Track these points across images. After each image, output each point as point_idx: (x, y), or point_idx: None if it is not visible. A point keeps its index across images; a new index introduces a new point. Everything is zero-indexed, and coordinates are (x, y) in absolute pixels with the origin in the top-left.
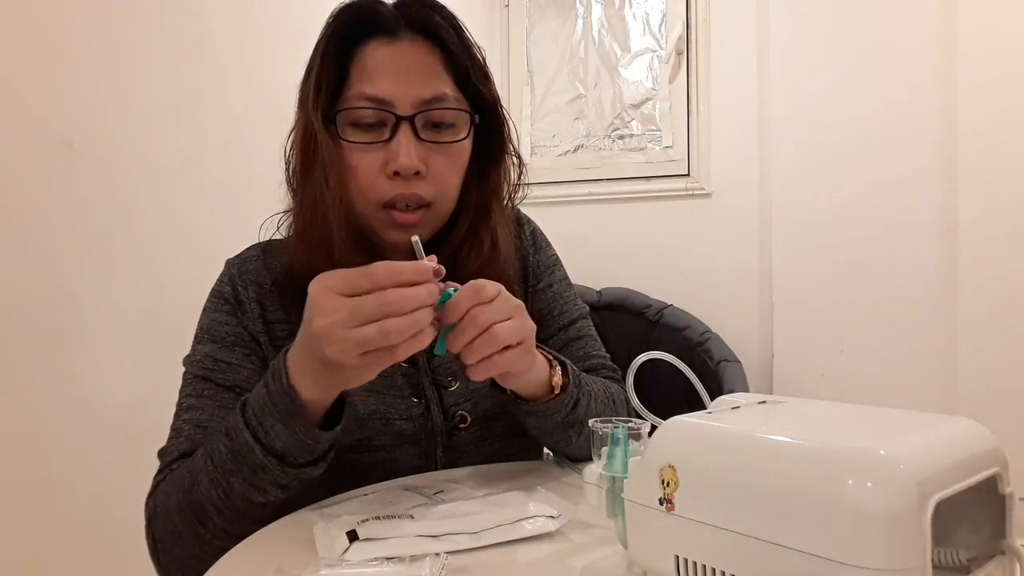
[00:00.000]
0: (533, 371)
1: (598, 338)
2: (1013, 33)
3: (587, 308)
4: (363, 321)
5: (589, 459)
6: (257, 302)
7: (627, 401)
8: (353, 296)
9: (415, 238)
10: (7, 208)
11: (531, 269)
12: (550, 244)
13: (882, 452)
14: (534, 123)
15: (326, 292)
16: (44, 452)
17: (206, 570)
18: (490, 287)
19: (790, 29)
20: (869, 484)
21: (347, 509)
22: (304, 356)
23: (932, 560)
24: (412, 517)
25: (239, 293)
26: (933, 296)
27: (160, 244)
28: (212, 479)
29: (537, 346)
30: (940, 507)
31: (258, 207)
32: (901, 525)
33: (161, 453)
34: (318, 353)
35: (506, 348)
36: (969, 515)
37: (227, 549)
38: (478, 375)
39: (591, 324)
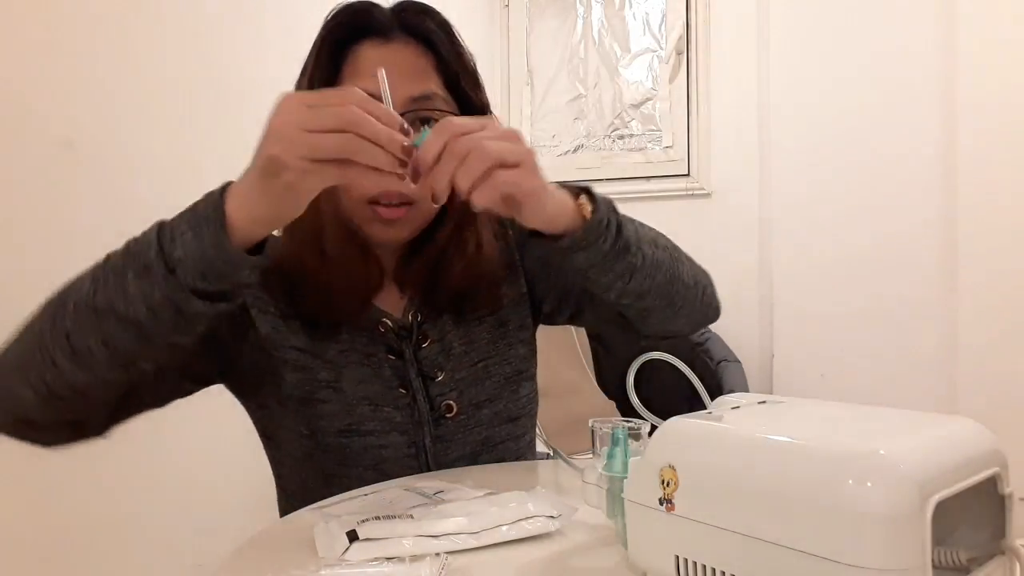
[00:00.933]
0: (550, 201)
1: None
2: (1013, 33)
3: None
4: (321, 127)
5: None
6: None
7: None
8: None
9: (381, 71)
10: (7, 208)
11: (514, 241)
12: None
13: (882, 452)
14: (534, 123)
15: (292, 99)
16: (44, 452)
17: (18, 393)
18: (471, 120)
19: (790, 29)
20: (869, 484)
21: (347, 509)
22: (246, 173)
23: (932, 560)
24: (412, 517)
25: None
26: (933, 296)
27: None
28: (92, 274)
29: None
30: (940, 507)
31: None
32: (901, 525)
33: None
34: (263, 154)
35: (503, 168)
36: (969, 515)
37: (56, 368)
38: (481, 198)
39: None
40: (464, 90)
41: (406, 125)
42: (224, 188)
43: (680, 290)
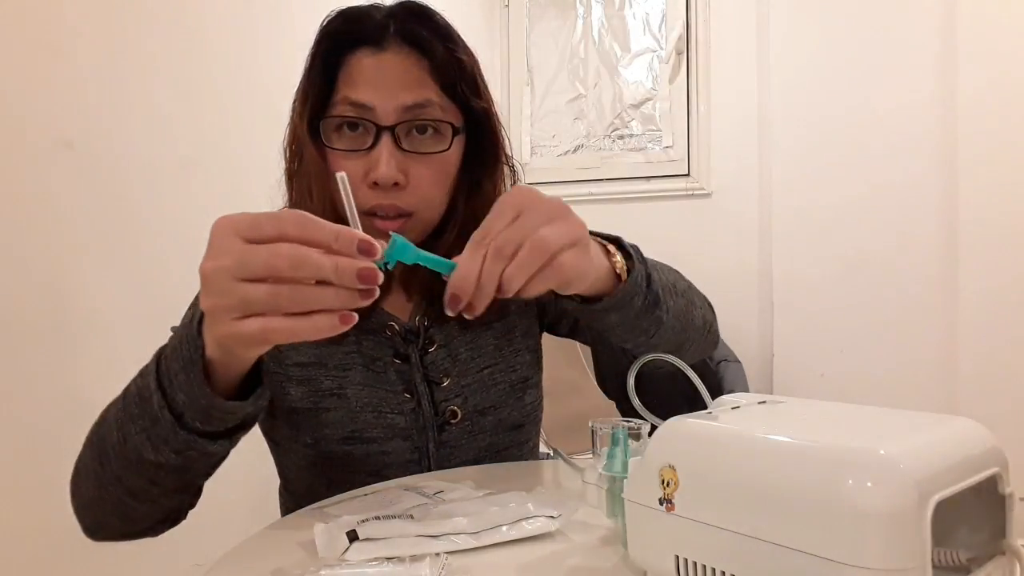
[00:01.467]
0: (593, 267)
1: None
2: (1013, 33)
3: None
4: (250, 275)
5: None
6: None
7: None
8: (254, 243)
9: (341, 175)
10: (7, 208)
11: None
12: None
13: (882, 452)
14: (534, 123)
15: (226, 230)
16: (44, 452)
17: (109, 522)
18: (508, 204)
19: (790, 29)
20: (869, 484)
21: (347, 509)
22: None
23: (932, 560)
24: (412, 517)
25: None
26: (933, 296)
27: (160, 244)
28: (117, 418)
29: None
30: (940, 507)
31: (258, 207)
32: (901, 525)
33: None
34: (201, 303)
35: (558, 253)
36: (969, 515)
37: (126, 504)
38: (533, 291)
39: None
40: (463, 95)
41: (365, 240)
42: (201, 318)
43: (691, 335)
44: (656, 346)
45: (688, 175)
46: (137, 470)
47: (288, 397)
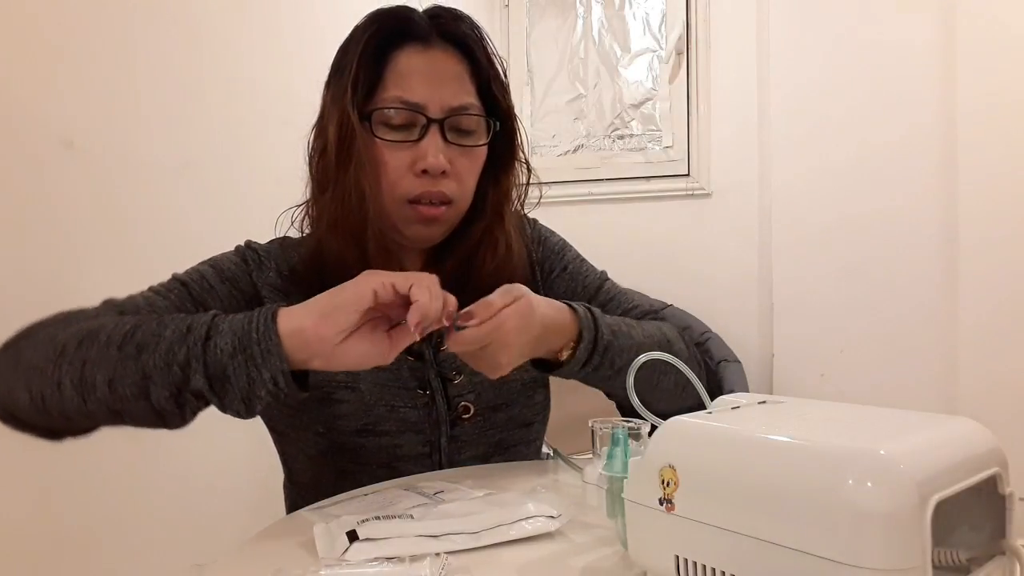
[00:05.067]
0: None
1: (627, 291)
2: (1013, 34)
3: (606, 272)
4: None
5: (666, 407)
6: (276, 277)
7: (686, 340)
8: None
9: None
10: (7, 208)
11: (537, 264)
12: (554, 232)
13: (882, 452)
14: (534, 123)
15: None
16: (45, 452)
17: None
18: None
19: (790, 29)
20: (869, 484)
21: (347, 509)
22: (307, 303)
23: (932, 560)
24: (412, 517)
25: (262, 260)
26: (933, 296)
27: (160, 244)
28: (137, 322)
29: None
30: (940, 507)
31: (258, 207)
32: (901, 525)
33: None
34: (333, 291)
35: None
36: (969, 515)
37: (44, 406)
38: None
39: (615, 284)
40: (494, 94)
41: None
42: (277, 309)
43: (657, 396)
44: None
45: (688, 175)
46: (115, 361)
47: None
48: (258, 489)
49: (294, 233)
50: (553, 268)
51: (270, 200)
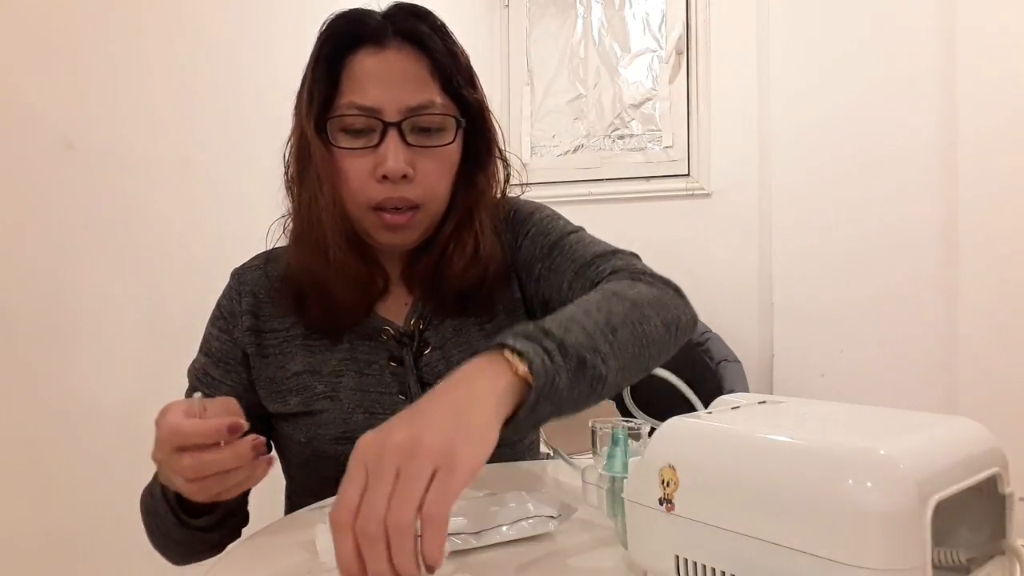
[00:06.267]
0: (470, 461)
1: (591, 239)
2: (1013, 33)
3: (579, 227)
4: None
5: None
6: (251, 313)
7: (655, 279)
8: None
9: (197, 394)
10: (7, 208)
11: (508, 246)
12: (530, 201)
13: (882, 452)
14: (534, 123)
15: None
16: (44, 452)
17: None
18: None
19: (790, 29)
20: (869, 484)
21: None
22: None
23: (932, 560)
24: None
25: (234, 306)
26: (933, 296)
27: (160, 244)
28: (147, 507)
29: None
30: (940, 507)
31: (258, 207)
32: (901, 525)
33: None
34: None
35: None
36: (969, 515)
37: (185, 554)
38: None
39: (581, 235)
40: (458, 89)
41: (234, 423)
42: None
43: (654, 350)
44: (618, 385)
45: (688, 175)
46: (177, 545)
47: (287, 405)
48: (258, 489)
49: (284, 243)
50: (518, 236)
51: (270, 200)
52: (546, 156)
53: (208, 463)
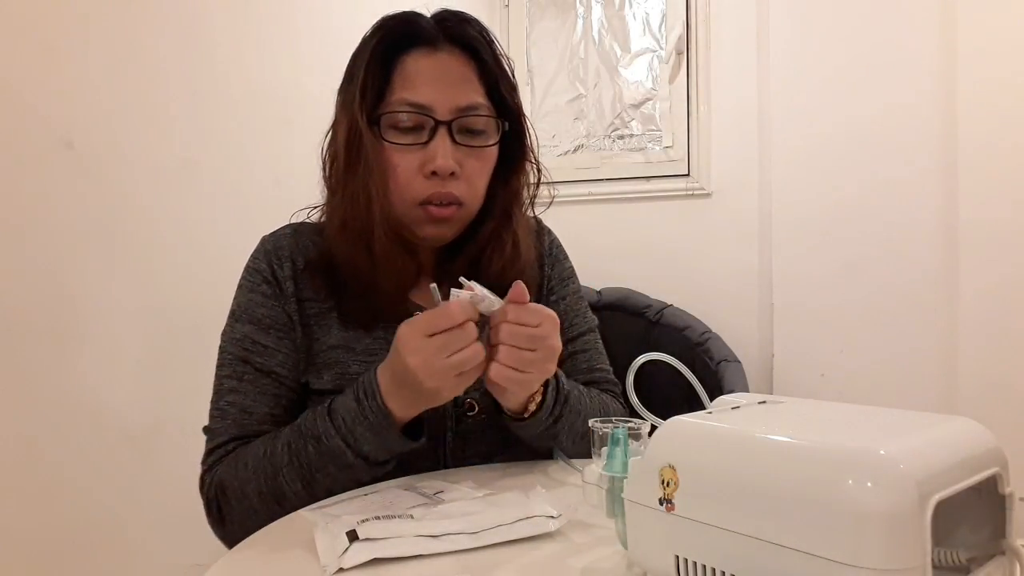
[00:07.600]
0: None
1: (603, 351)
2: (1013, 33)
3: (596, 321)
4: (453, 351)
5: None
6: (292, 280)
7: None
8: (433, 335)
9: (433, 285)
10: (7, 208)
11: (546, 280)
12: (567, 257)
13: (882, 452)
14: (534, 123)
15: (413, 333)
16: (45, 452)
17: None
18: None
19: (790, 29)
20: (869, 484)
21: (347, 509)
22: (396, 385)
23: (932, 560)
24: (412, 517)
25: (276, 271)
26: (933, 296)
27: (160, 244)
28: (298, 474)
29: None
30: (940, 507)
31: (258, 206)
32: (901, 525)
33: (208, 431)
34: (413, 383)
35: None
36: (969, 515)
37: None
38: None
39: (598, 337)
40: (502, 94)
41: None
42: (380, 393)
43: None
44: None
45: (688, 175)
46: (321, 496)
47: (320, 380)
48: None
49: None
50: (553, 292)
51: (270, 200)
52: (546, 156)
53: (472, 346)
